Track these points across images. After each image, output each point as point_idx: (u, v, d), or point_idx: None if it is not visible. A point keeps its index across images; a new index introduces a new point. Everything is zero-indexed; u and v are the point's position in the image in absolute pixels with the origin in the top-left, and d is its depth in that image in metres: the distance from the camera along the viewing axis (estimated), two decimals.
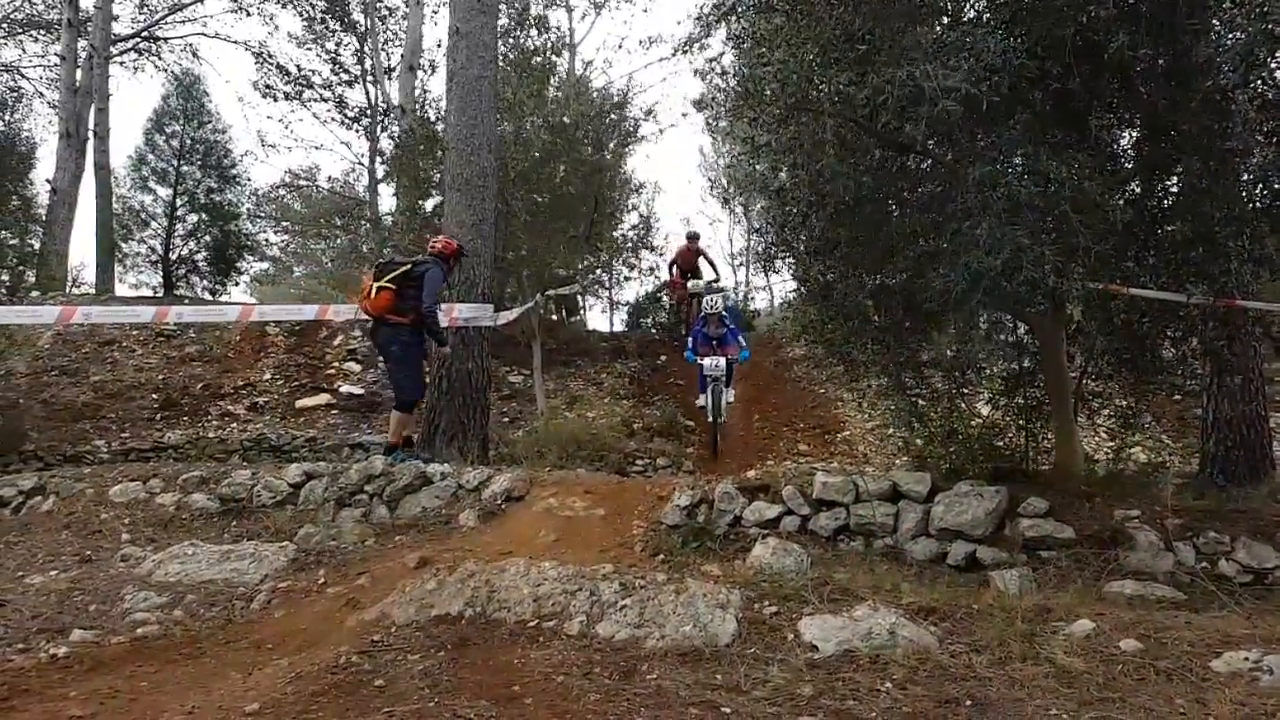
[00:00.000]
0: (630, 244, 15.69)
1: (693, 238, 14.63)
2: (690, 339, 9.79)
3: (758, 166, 6.54)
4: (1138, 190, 5.47)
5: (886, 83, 4.58)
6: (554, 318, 16.51)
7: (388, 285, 7.11)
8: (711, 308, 9.64)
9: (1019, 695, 3.13)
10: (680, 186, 48.61)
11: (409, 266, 7.23)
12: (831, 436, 10.64)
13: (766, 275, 27.03)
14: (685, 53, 19.81)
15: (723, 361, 9.31)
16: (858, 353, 6.06)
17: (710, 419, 9.72)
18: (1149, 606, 4.19)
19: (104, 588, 5.24)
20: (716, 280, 14.57)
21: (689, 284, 13.92)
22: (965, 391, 6.55)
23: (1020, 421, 6.32)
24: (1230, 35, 4.63)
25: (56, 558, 5.98)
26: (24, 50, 22.13)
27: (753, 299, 27.22)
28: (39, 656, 3.97)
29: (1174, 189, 5.39)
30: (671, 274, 14.78)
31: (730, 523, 5.39)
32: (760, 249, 7.07)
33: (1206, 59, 4.56)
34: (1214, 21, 4.71)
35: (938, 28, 4.95)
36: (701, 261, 14.70)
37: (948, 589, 4.38)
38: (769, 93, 5.37)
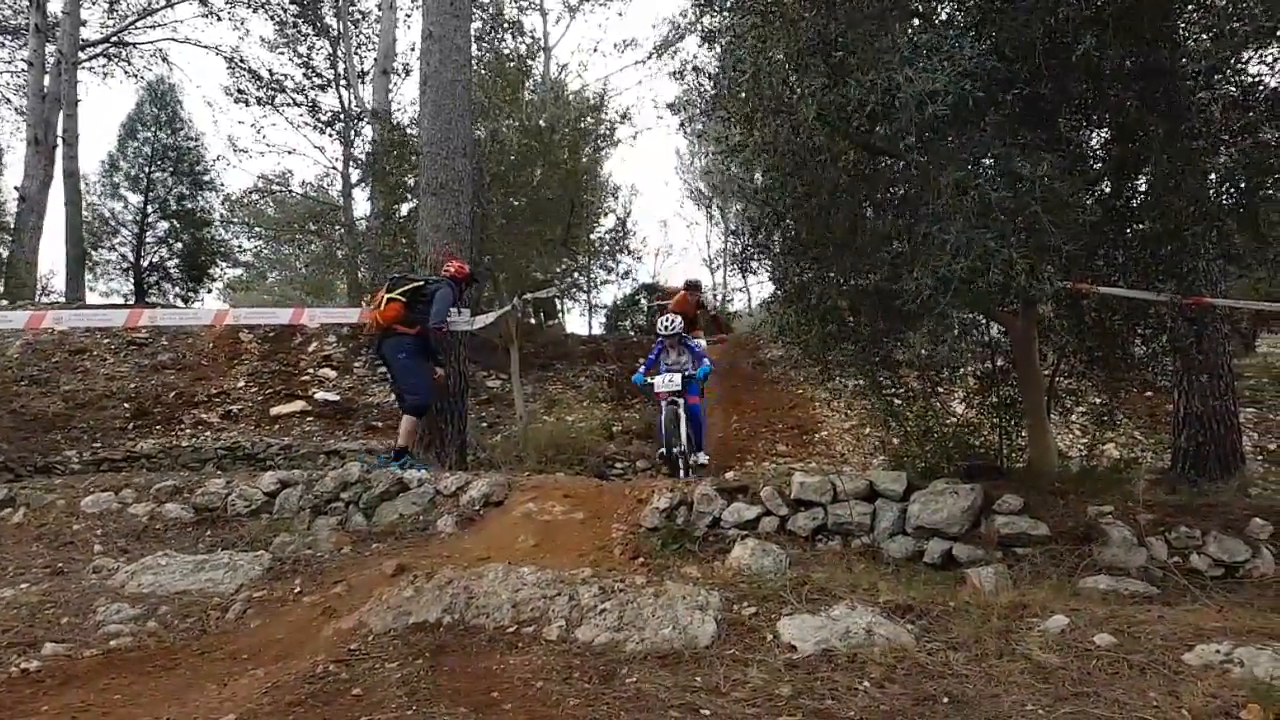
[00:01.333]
0: (607, 247, 15.70)
1: (693, 286, 12.28)
2: (644, 365, 8.49)
3: (733, 168, 6.58)
4: (1107, 190, 5.54)
5: (868, 90, 4.61)
6: (531, 321, 16.46)
7: (398, 297, 7.29)
8: (669, 328, 8.34)
9: (995, 691, 3.15)
10: (658, 189, 48.75)
11: (421, 283, 7.44)
12: (809, 436, 10.68)
13: (744, 277, 27.29)
14: (660, 55, 19.94)
15: (677, 377, 7.96)
16: (834, 353, 6.09)
17: (664, 450, 8.11)
18: (1122, 601, 4.24)
19: (76, 600, 5.14)
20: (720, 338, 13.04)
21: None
22: (940, 390, 6.62)
23: (994, 420, 6.38)
24: (1195, 36, 4.71)
25: (27, 570, 5.87)
26: None
27: (731, 301, 27.39)
28: (9, 671, 3.90)
29: (1143, 188, 5.47)
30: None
31: (709, 524, 5.40)
32: (737, 250, 7.14)
33: (1173, 60, 4.63)
34: (1179, 23, 4.78)
35: (909, 30, 4.98)
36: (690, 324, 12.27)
37: (925, 587, 4.39)
38: (743, 95, 5.40)
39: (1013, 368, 6.23)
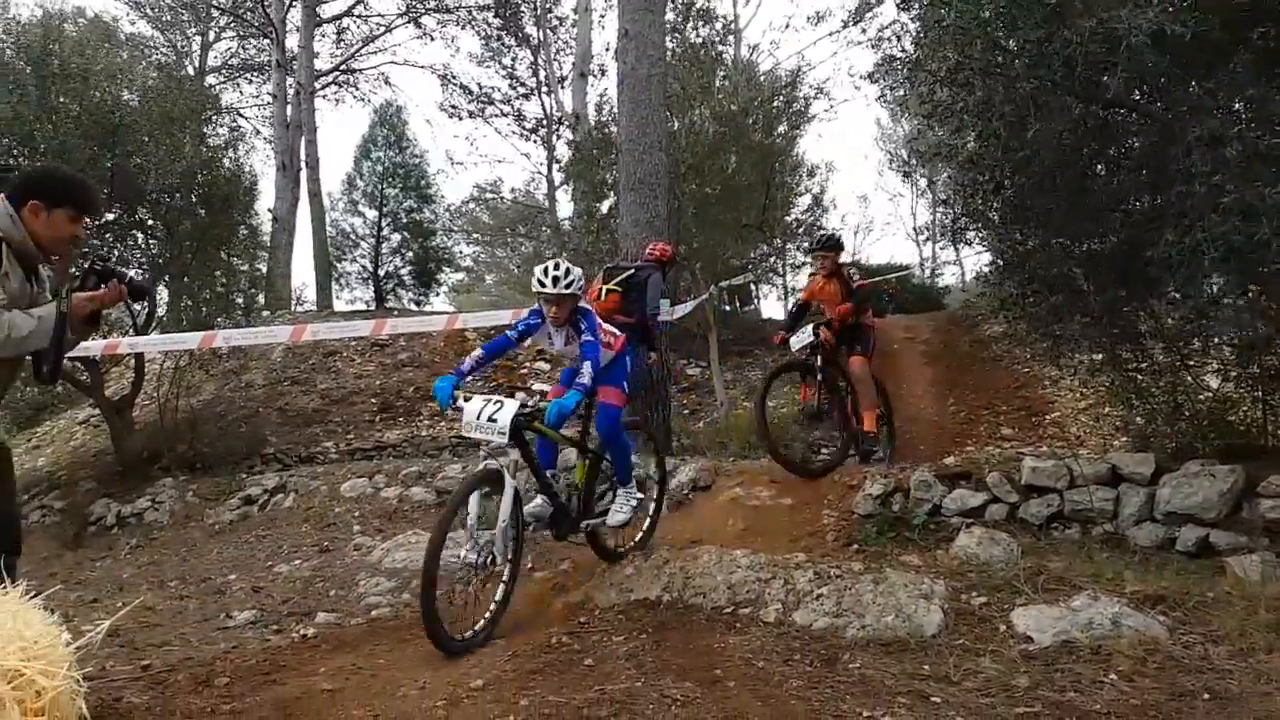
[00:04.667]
0: (804, 228, 15.43)
1: (829, 245, 7.19)
2: (478, 353, 4.43)
3: (941, 134, 6.17)
4: None
5: (1078, 36, 4.25)
6: (726, 308, 16.45)
7: (615, 288, 7.51)
8: (565, 283, 4.37)
9: (1266, 689, 2.85)
10: (855, 163, 46.94)
11: (632, 271, 7.62)
12: (1039, 419, 9.94)
13: (956, 249, 25.76)
14: (856, 23, 19.27)
15: (506, 413, 4.05)
16: (1065, 326, 5.65)
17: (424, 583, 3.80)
18: None
19: (341, 574, 5.81)
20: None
21: (793, 337, 6.94)
22: (1191, 363, 5.96)
23: (1256, 393, 5.68)
24: None
25: (299, 548, 6.68)
26: (241, 92, 24.64)
27: (940, 274, 26.05)
28: (291, 637, 4.45)
29: None
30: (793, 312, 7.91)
31: (929, 512, 5.21)
32: (948, 221, 6.67)
33: None
34: None
35: None
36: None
37: (1177, 576, 4.05)
38: (948, 55, 5.13)
39: (1277, 333, 5.51)
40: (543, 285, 4.38)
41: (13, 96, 8.87)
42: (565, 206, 21.22)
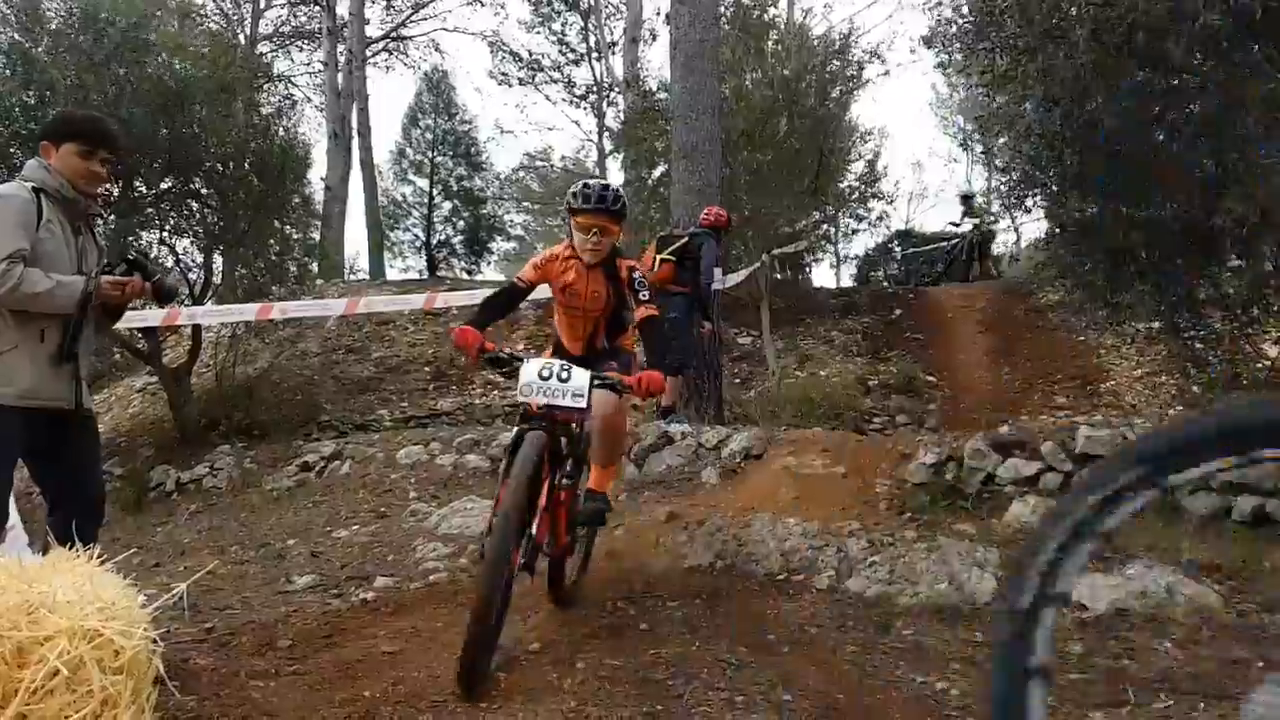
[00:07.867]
0: (857, 195, 15.19)
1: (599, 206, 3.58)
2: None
3: (998, 100, 6.02)
4: None
5: (1141, 2, 4.14)
6: (777, 276, 16.30)
7: (669, 258, 7.46)
8: (598, 196, 3.53)
9: None
10: (909, 129, 45.80)
11: (686, 239, 7.54)
12: (1094, 388, 9.75)
13: (1012, 216, 25.08)
14: None
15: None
16: (1124, 294, 5.54)
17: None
18: None
19: (398, 540, 5.92)
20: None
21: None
22: (1250, 331, 5.81)
23: None
24: None
25: (356, 514, 6.81)
26: (292, 60, 24.51)
27: (993, 240, 25.40)
28: (351, 601, 4.55)
29: None
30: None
31: (983, 480, 5.18)
32: (1006, 188, 6.52)
33: None
34: None
35: None
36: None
37: (1233, 546, 4.02)
38: (1010, 24, 5.02)
39: None
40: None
41: (80, 65, 9.00)
42: (615, 174, 21.16)
